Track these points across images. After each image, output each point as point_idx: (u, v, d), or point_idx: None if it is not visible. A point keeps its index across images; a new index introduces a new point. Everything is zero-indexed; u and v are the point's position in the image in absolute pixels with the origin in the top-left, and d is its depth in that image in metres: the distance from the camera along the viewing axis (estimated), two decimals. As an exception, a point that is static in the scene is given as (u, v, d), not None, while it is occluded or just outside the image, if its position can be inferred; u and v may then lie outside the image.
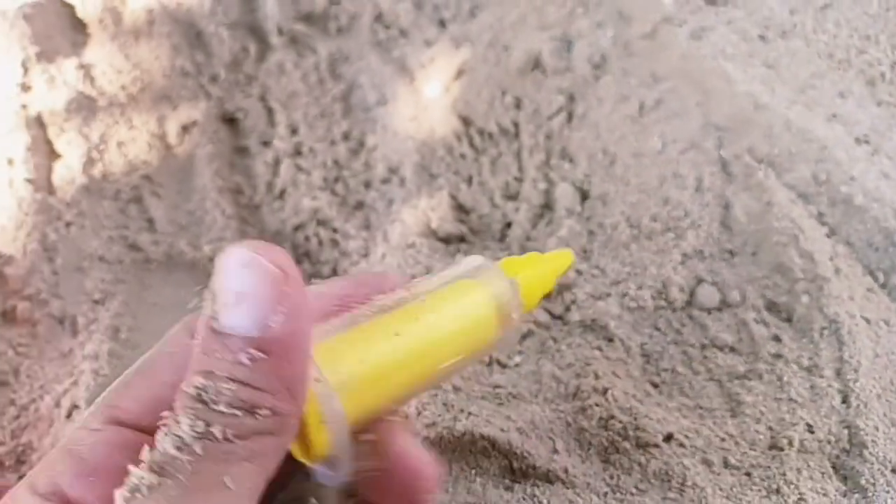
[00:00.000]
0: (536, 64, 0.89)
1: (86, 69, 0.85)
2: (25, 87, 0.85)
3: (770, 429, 0.54)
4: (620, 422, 0.52)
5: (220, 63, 0.92)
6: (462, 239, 0.79)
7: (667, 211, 0.73)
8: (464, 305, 0.32)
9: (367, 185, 0.86)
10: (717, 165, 0.75)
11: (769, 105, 0.75)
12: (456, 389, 0.53)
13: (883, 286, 0.68)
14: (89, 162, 0.81)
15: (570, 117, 0.86)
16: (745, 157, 0.73)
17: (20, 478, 0.66)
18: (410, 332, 0.30)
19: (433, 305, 0.31)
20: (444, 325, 0.31)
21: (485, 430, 0.52)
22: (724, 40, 0.81)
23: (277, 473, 0.29)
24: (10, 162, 0.81)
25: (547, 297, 0.37)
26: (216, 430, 0.26)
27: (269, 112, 0.92)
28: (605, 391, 0.54)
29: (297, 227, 0.80)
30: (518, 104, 0.90)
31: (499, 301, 0.33)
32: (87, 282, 0.78)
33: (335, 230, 0.80)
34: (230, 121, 0.91)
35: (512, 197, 0.84)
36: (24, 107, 0.85)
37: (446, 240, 0.80)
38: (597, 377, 0.55)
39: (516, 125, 0.89)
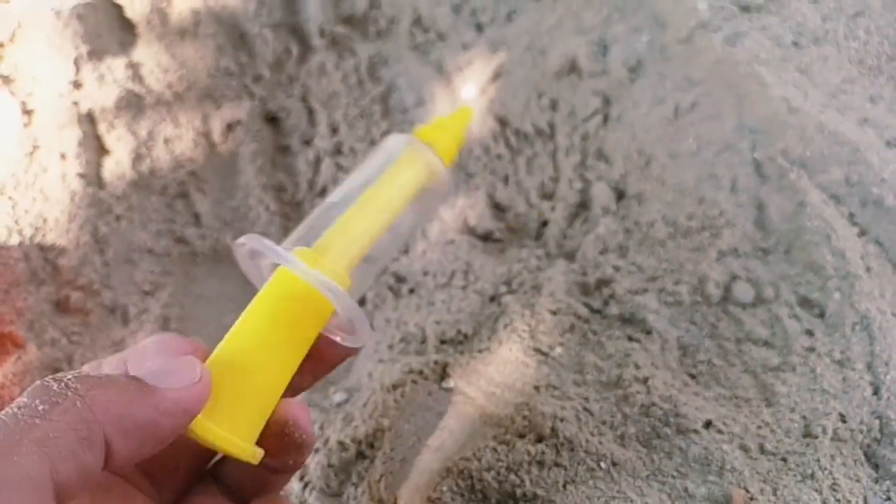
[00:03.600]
0: (573, 67, 0.92)
1: (134, 68, 0.88)
2: (77, 85, 0.88)
3: (804, 418, 0.56)
4: (661, 409, 0.54)
5: (263, 64, 0.94)
6: (499, 239, 0.81)
7: (702, 210, 0.74)
8: (406, 178, 0.40)
9: (407, 183, 0.88)
10: (751, 167, 0.76)
11: (802, 108, 0.76)
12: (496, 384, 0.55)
13: (912, 284, 0.70)
14: (138, 158, 0.84)
15: (605, 119, 0.88)
16: (779, 159, 0.75)
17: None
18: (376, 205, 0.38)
19: (385, 185, 0.40)
20: (398, 193, 0.40)
21: (528, 414, 0.54)
22: (759, 46, 0.82)
23: None
24: (63, 157, 0.84)
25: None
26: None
27: (311, 112, 0.94)
28: (645, 380, 0.56)
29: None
30: (554, 106, 0.92)
31: (428, 167, 0.41)
32: (136, 273, 0.80)
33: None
34: (272, 120, 0.94)
35: (548, 196, 0.86)
36: (75, 103, 0.88)
37: (485, 237, 0.82)
38: (637, 367, 0.57)
39: (552, 126, 0.92)
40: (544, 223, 0.84)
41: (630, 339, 0.62)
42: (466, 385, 0.54)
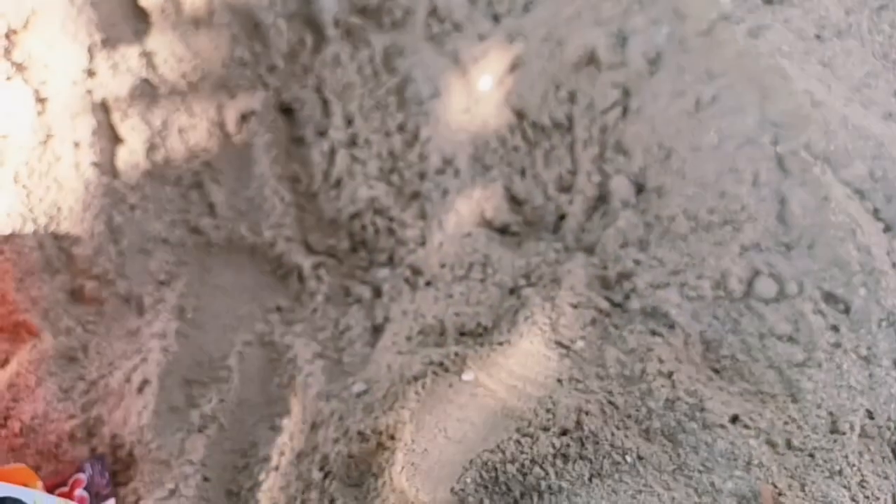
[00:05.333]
0: (591, 59, 0.91)
1: (148, 57, 0.87)
2: (91, 73, 0.88)
3: (831, 414, 0.55)
4: (686, 403, 0.53)
5: (278, 54, 0.94)
6: (516, 232, 0.80)
7: (724, 204, 0.74)
8: None
9: (422, 175, 0.87)
10: (774, 161, 0.75)
11: (825, 102, 0.75)
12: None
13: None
14: (152, 147, 0.83)
15: (624, 111, 0.87)
16: (802, 153, 0.74)
17: (92, 450, 0.69)
18: None
19: None
20: None
21: (551, 407, 0.53)
22: (781, 38, 0.81)
23: None
24: (77, 145, 0.84)
25: None
26: None
27: (325, 103, 0.94)
28: (669, 374, 0.55)
29: (354, 216, 0.81)
30: (572, 98, 0.91)
31: None
32: (151, 263, 0.80)
33: (391, 219, 0.81)
34: (287, 111, 0.93)
35: (566, 189, 0.85)
36: (89, 92, 0.87)
37: (502, 230, 0.81)
38: (660, 361, 0.56)
39: (570, 119, 0.91)
40: (562, 216, 0.83)
41: (653, 333, 0.61)
42: (487, 377, 0.53)
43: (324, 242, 0.85)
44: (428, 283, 0.77)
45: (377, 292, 0.79)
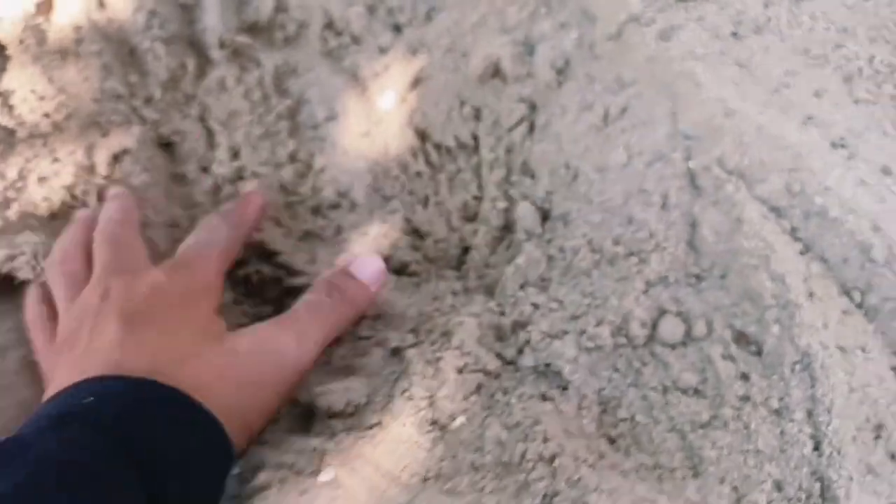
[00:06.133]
0: (496, 71, 0.83)
1: (3, 97, 0.78)
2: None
3: (735, 489, 0.49)
4: (567, 498, 0.46)
5: (156, 82, 0.85)
6: (415, 272, 0.73)
7: (631, 232, 0.67)
8: None
9: (316, 211, 0.80)
10: (685, 178, 0.69)
11: (740, 110, 0.69)
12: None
13: (859, 306, 0.63)
14: (4, 203, 0.74)
15: (531, 128, 0.80)
16: (715, 169, 0.67)
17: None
18: None
19: None
20: None
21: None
22: (695, 39, 0.74)
23: None
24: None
25: None
26: None
27: (210, 134, 0.86)
28: (552, 459, 0.48)
29: (238, 264, 0.74)
30: (477, 115, 0.84)
31: None
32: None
33: (279, 265, 0.74)
34: (166, 146, 0.85)
35: (470, 218, 0.78)
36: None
37: (400, 270, 0.74)
38: (545, 440, 0.50)
39: (476, 138, 0.84)
40: (466, 249, 0.76)
41: (543, 398, 0.55)
42: (349, 475, 0.46)
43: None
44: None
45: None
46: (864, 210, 0.64)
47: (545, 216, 0.73)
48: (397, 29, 0.91)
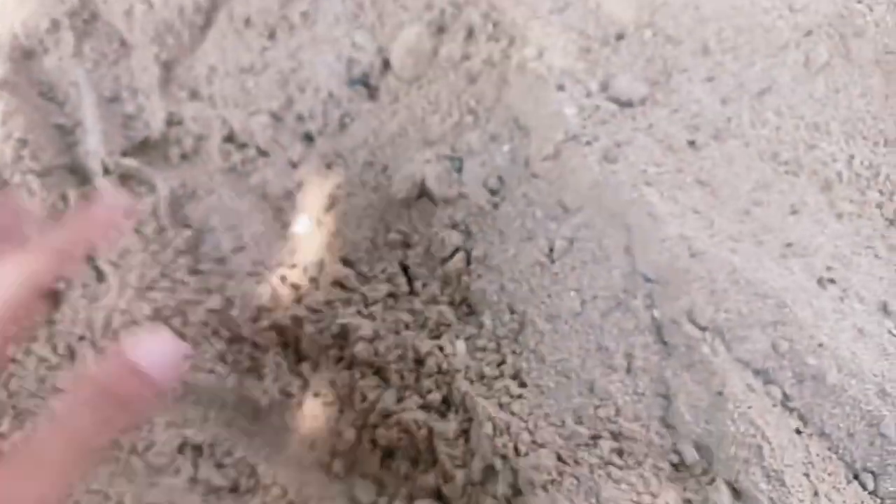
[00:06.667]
0: (422, 190, 0.72)
1: None
2: None
3: None
4: None
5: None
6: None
7: (593, 407, 0.56)
8: None
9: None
10: (651, 333, 0.58)
11: (707, 250, 0.59)
12: None
13: (873, 493, 0.53)
14: None
15: (468, 259, 0.69)
16: (685, 325, 0.57)
17: None
18: None
19: None
20: None
21: None
22: (645, 155, 0.64)
23: None
24: None
25: None
26: None
27: (100, 275, 0.73)
28: None
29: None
30: (407, 241, 0.73)
31: None
32: None
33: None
34: (50, 296, 0.73)
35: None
36: None
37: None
38: None
39: (405, 269, 0.72)
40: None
41: None
42: None
43: None
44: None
45: None
46: (867, 371, 0.54)
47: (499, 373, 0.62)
48: (309, 139, 0.79)
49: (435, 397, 0.62)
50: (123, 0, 0.77)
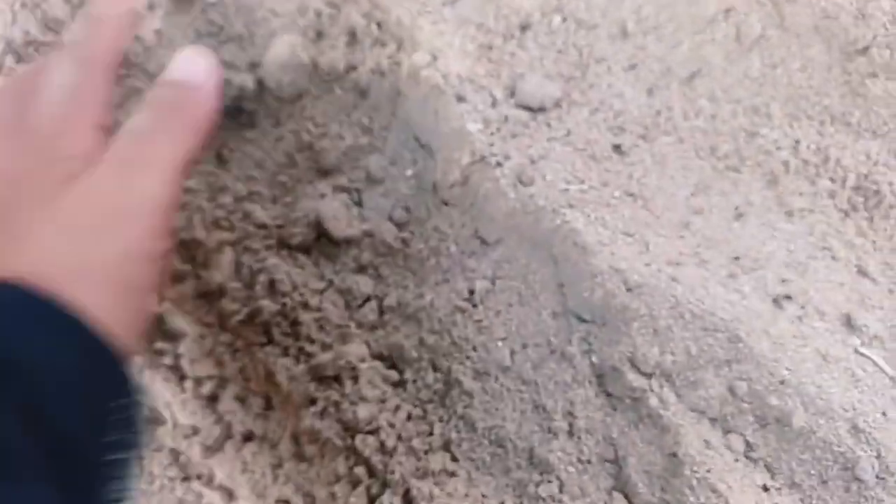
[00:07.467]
0: (321, 229, 0.63)
1: None
2: None
3: None
4: None
5: None
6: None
7: (534, 484, 0.49)
8: None
9: None
10: (593, 385, 0.51)
11: (645, 281, 0.51)
12: None
13: (857, 553, 0.47)
14: None
15: (381, 309, 0.61)
16: (627, 372, 0.50)
17: None
18: None
19: None
20: None
21: None
22: (565, 171, 0.56)
23: None
24: None
25: None
26: None
27: None
28: None
29: None
30: (323, 287, 0.64)
31: None
32: None
33: None
34: None
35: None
36: None
37: None
38: None
39: (321, 310, 0.64)
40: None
41: None
42: None
43: None
44: None
45: None
46: (836, 407, 0.47)
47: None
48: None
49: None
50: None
